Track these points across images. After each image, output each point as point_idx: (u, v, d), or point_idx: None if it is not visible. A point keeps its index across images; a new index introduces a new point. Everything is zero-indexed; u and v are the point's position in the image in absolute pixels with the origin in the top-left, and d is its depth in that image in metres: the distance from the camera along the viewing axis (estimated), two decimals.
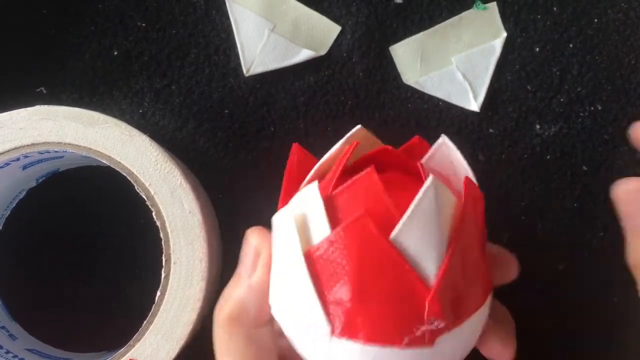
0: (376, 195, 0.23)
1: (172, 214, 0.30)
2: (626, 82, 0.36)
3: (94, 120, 0.30)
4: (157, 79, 0.36)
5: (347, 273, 0.23)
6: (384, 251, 0.22)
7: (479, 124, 0.36)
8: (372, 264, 0.22)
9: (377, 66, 0.36)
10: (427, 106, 0.36)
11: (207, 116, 0.36)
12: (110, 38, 0.36)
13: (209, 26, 0.36)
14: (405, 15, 0.36)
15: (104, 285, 0.36)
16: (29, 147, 0.30)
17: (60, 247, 0.36)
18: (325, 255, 0.23)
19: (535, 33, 0.36)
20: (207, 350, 0.35)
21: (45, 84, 0.36)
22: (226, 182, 0.36)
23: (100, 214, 0.36)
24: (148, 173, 0.30)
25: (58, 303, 0.36)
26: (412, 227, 0.22)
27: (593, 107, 0.36)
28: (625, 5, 0.36)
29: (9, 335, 0.34)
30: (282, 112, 0.36)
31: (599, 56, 0.36)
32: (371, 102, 0.36)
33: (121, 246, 0.36)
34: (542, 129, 0.36)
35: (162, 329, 0.30)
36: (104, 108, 0.36)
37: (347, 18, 0.36)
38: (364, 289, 0.23)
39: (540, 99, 0.36)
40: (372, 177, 0.23)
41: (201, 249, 0.30)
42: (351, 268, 0.23)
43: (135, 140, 0.30)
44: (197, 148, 0.36)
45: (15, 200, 0.35)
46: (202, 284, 0.30)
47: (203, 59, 0.36)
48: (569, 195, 0.36)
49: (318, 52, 0.36)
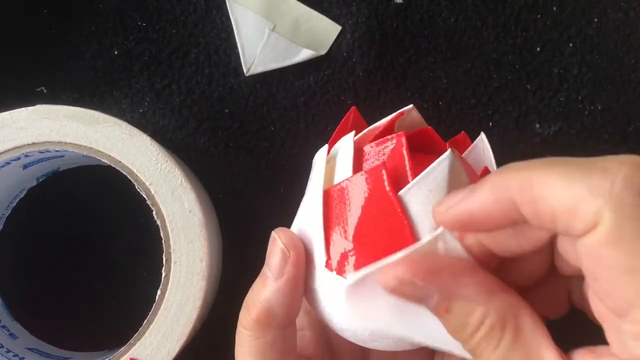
0: (399, 156, 0.25)
1: (173, 213, 0.30)
2: (626, 82, 0.36)
3: (95, 119, 0.31)
4: (157, 78, 0.36)
5: (352, 215, 0.24)
6: (389, 203, 0.24)
7: (479, 123, 0.36)
8: (375, 213, 0.24)
9: (377, 66, 0.36)
10: (427, 105, 0.36)
11: (207, 116, 0.36)
12: (110, 38, 0.36)
13: (209, 26, 0.36)
14: (406, 15, 0.36)
15: (104, 284, 0.36)
16: (30, 146, 0.30)
17: (60, 247, 0.36)
18: (339, 196, 0.25)
19: (535, 33, 0.36)
20: (207, 349, 0.35)
21: (46, 84, 0.36)
22: (226, 181, 0.36)
23: (101, 213, 0.36)
24: (148, 172, 0.30)
25: (58, 302, 0.36)
26: (420, 190, 0.24)
27: (593, 107, 0.36)
28: (625, 4, 0.36)
29: (9, 334, 0.34)
30: (282, 112, 0.36)
31: (599, 56, 0.36)
32: (371, 102, 0.36)
33: (122, 245, 0.36)
34: (542, 128, 0.36)
35: (162, 328, 0.30)
36: (105, 107, 0.36)
37: (347, 18, 0.36)
38: (363, 234, 0.24)
39: (540, 98, 0.36)
40: (401, 140, 0.25)
41: (201, 248, 0.30)
42: (357, 212, 0.24)
43: (136, 140, 0.30)
44: (198, 147, 0.36)
45: (16, 199, 0.35)
46: (203, 283, 0.30)
47: (203, 59, 0.36)
48: None
49: (318, 52, 0.36)
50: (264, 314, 0.25)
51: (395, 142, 0.25)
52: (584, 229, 0.19)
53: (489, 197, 0.21)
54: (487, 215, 0.21)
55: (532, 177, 0.20)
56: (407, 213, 0.24)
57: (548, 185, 0.19)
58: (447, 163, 0.24)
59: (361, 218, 0.24)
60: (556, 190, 0.19)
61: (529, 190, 0.20)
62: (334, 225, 0.25)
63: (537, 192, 0.19)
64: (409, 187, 0.24)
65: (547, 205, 0.19)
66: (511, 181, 0.20)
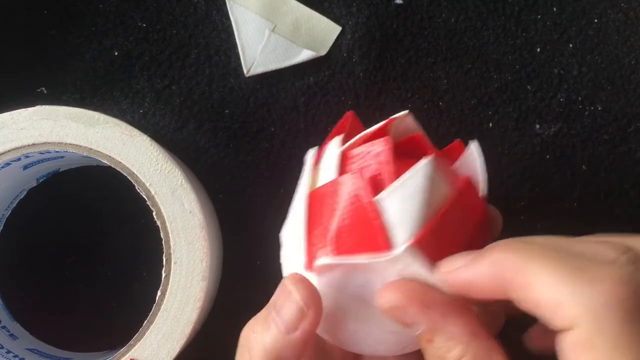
0: (383, 160, 0.25)
1: (173, 214, 0.30)
2: (626, 82, 0.36)
3: (95, 120, 0.31)
4: (157, 79, 0.36)
5: (332, 218, 0.25)
6: (366, 208, 0.24)
7: (479, 124, 0.36)
8: (353, 217, 0.24)
9: (377, 66, 0.36)
10: (427, 106, 0.36)
11: (207, 116, 0.36)
12: (111, 38, 0.36)
13: (210, 27, 0.36)
14: (406, 15, 0.36)
15: (104, 285, 0.36)
16: (30, 147, 0.30)
17: (60, 247, 0.36)
18: (322, 199, 0.26)
19: (535, 33, 0.36)
20: (207, 350, 0.35)
21: (46, 84, 0.36)
22: (226, 182, 0.36)
23: (101, 214, 0.36)
24: (149, 173, 0.30)
25: (58, 303, 0.36)
26: (396, 196, 0.24)
27: (593, 107, 0.36)
28: (625, 5, 0.36)
29: (9, 335, 0.34)
30: (282, 112, 0.36)
31: (599, 56, 0.36)
32: (371, 102, 0.36)
33: (122, 246, 0.36)
34: (542, 129, 0.36)
35: (162, 329, 0.30)
36: (105, 108, 0.36)
37: (347, 18, 0.36)
38: (341, 237, 0.24)
39: (540, 99, 0.36)
40: (386, 144, 0.25)
41: (202, 248, 0.30)
42: (337, 215, 0.25)
43: (136, 141, 0.30)
44: (198, 148, 0.36)
45: (16, 200, 0.35)
46: (203, 284, 0.30)
47: (203, 60, 0.36)
48: (569, 195, 0.36)
49: (318, 53, 0.36)
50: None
51: (380, 147, 0.26)
52: (562, 327, 0.20)
53: (486, 272, 0.22)
54: (483, 288, 0.23)
55: (526, 266, 0.21)
56: (381, 218, 0.24)
57: (538, 279, 0.21)
58: (423, 171, 0.24)
59: (341, 221, 0.25)
60: (545, 286, 0.21)
61: (521, 276, 0.21)
62: (316, 227, 0.25)
63: (528, 281, 0.21)
64: (385, 192, 0.24)
65: (534, 296, 0.21)
66: (508, 262, 0.22)
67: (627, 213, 0.36)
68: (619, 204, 0.36)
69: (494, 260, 0.22)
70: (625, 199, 0.36)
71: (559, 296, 0.20)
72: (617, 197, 0.36)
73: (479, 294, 0.23)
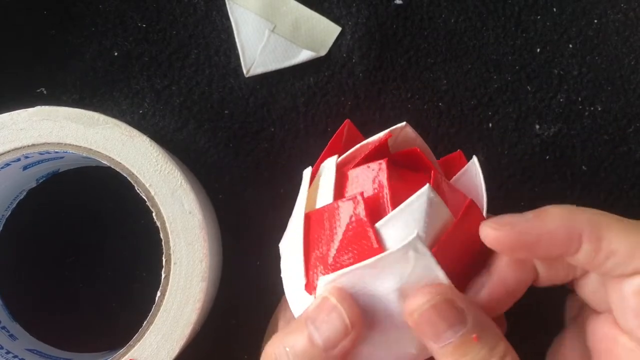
0: (380, 184, 0.25)
1: (173, 215, 0.30)
2: (626, 83, 0.36)
3: (95, 120, 0.31)
4: (157, 79, 0.36)
5: (331, 241, 0.25)
6: (366, 234, 0.24)
7: (479, 124, 0.36)
8: (353, 241, 0.24)
9: (377, 67, 0.36)
10: (427, 106, 0.36)
11: (207, 117, 0.36)
12: (110, 39, 0.36)
13: (210, 27, 0.36)
14: (406, 16, 0.36)
15: (104, 285, 0.36)
16: (30, 147, 0.30)
17: (60, 248, 0.36)
18: (319, 221, 0.25)
19: (535, 34, 0.36)
20: (207, 350, 0.35)
21: (46, 85, 0.36)
22: (226, 182, 0.36)
23: (101, 215, 0.36)
24: (148, 174, 0.30)
25: (58, 303, 0.36)
26: (397, 223, 0.24)
27: (593, 107, 0.36)
28: (625, 6, 0.36)
29: (9, 335, 0.34)
30: (282, 113, 0.36)
31: (599, 57, 0.36)
32: (371, 102, 0.36)
33: (121, 246, 0.36)
34: (542, 129, 0.36)
35: (162, 329, 0.30)
36: (105, 109, 0.36)
37: (347, 19, 0.36)
38: (340, 261, 0.24)
39: (540, 99, 0.36)
40: (382, 166, 0.25)
41: (201, 249, 0.30)
42: (336, 238, 0.25)
43: (136, 141, 0.30)
44: (198, 148, 0.36)
45: (16, 200, 0.35)
46: (203, 285, 0.30)
47: (203, 60, 0.36)
48: (569, 195, 0.36)
49: (318, 53, 0.36)
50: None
51: (377, 169, 0.25)
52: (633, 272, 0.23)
53: (560, 225, 0.23)
54: (553, 241, 0.24)
55: (600, 220, 0.23)
56: (383, 245, 0.24)
57: (612, 231, 0.23)
58: (425, 198, 0.24)
59: (340, 245, 0.24)
60: (620, 237, 0.23)
61: (597, 228, 0.23)
62: (314, 249, 0.25)
63: (604, 233, 0.23)
64: (386, 219, 0.24)
65: (610, 247, 0.23)
66: (582, 216, 0.24)
67: (627, 213, 0.36)
68: (619, 204, 0.36)
69: (565, 216, 0.23)
70: (625, 199, 0.36)
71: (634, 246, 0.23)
72: (617, 197, 0.36)
73: (545, 250, 0.24)
